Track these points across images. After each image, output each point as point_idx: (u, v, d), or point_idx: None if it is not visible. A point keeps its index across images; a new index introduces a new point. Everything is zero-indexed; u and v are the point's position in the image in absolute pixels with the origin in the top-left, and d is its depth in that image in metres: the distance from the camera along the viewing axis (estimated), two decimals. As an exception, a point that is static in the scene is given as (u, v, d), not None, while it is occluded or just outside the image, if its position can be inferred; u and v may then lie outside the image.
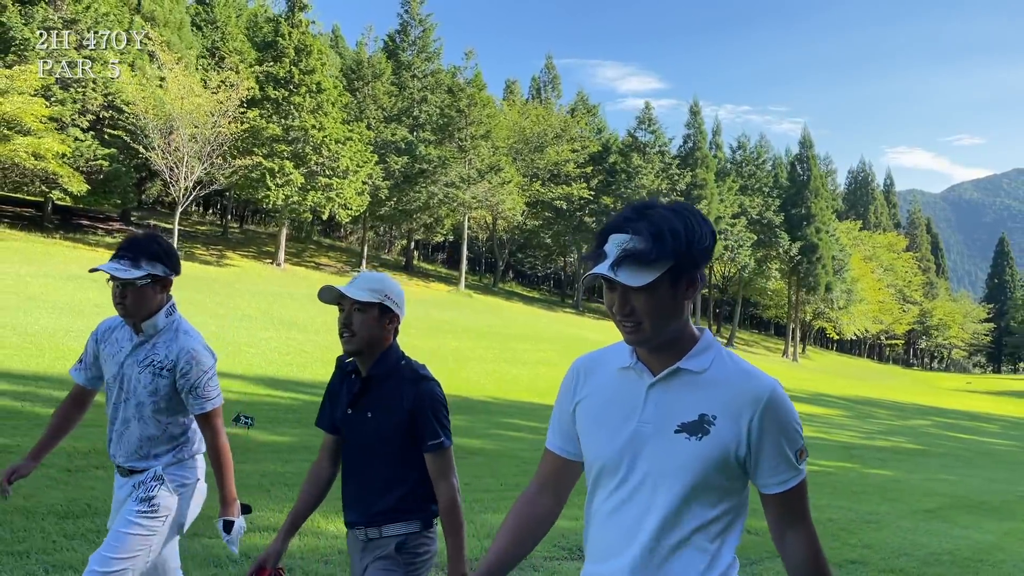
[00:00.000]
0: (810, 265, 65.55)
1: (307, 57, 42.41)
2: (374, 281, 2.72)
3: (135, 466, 3.12)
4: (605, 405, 1.85)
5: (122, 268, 2.97)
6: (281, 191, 40.52)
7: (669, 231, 1.64)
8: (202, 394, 3.08)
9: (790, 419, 1.73)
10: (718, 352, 1.78)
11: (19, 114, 30.96)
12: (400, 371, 2.73)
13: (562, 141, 60.35)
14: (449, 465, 2.71)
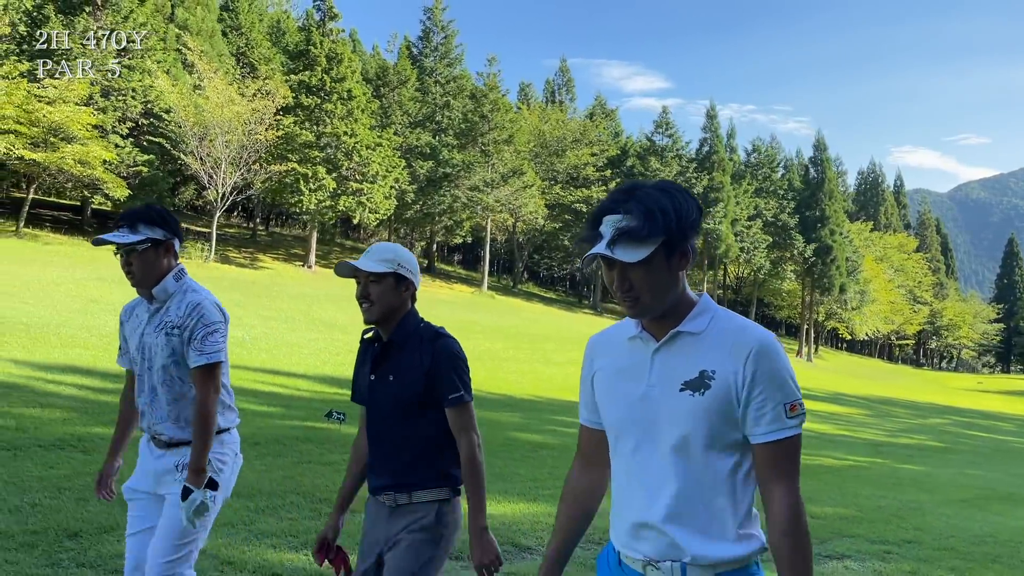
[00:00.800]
0: (824, 267, 66.19)
1: (338, 65, 43.37)
2: (386, 251, 2.78)
3: (170, 434, 3.16)
4: (617, 373, 1.94)
5: (120, 235, 3.06)
6: (314, 196, 41.51)
7: (659, 209, 1.75)
8: (199, 347, 3.08)
9: (780, 368, 1.77)
10: (715, 313, 1.86)
11: (67, 122, 31.97)
12: (419, 332, 2.77)
13: (581, 145, 61.17)
14: (470, 420, 2.74)
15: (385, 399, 2.76)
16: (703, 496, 1.79)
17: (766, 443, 1.75)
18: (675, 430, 1.79)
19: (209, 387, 3.08)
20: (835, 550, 7.14)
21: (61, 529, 5.26)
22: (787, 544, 1.74)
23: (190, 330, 3.08)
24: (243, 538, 5.47)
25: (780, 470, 1.76)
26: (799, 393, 1.78)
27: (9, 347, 14.95)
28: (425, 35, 58.86)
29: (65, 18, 37.81)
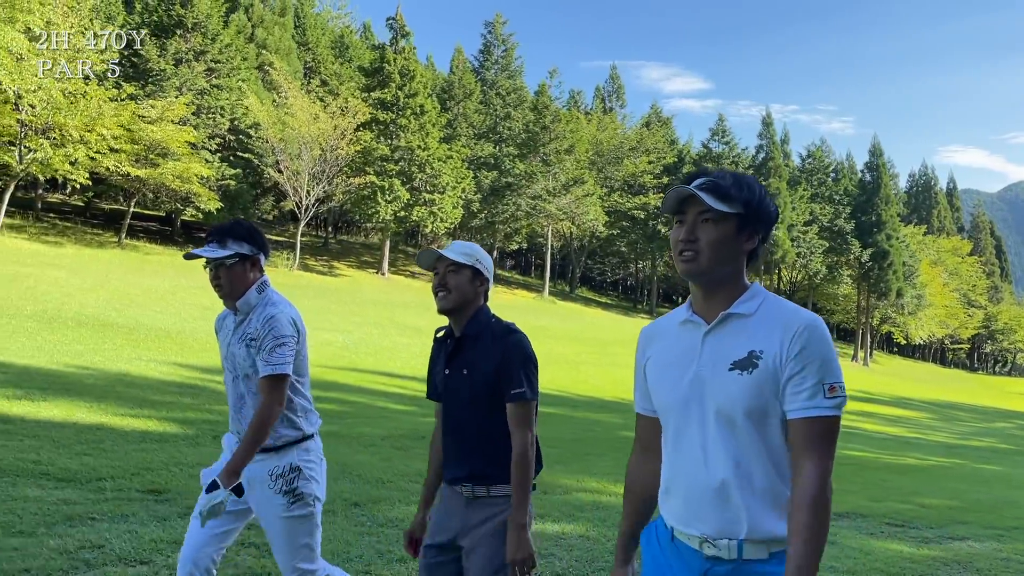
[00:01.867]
0: (881, 271, 66.13)
1: (410, 81, 45.05)
2: (467, 247, 2.85)
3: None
4: (668, 358, 1.98)
5: (211, 250, 3.18)
6: (390, 206, 43.17)
7: (746, 184, 1.88)
8: (266, 357, 3.13)
9: (824, 348, 1.78)
10: (766, 297, 1.90)
11: (167, 141, 33.99)
12: (491, 328, 2.81)
13: (638, 153, 62.09)
14: (528, 417, 2.75)
15: (459, 393, 2.81)
16: (755, 473, 1.81)
17: (802, 419, 1.77)
18: (724, 409, 1.82)
19: (272, 398, 3.12)
20: (955, 533, 8.19)
21: (345, 499, 6.63)
22: (808, 512, 1.72)
23: (259, 342, 3.16)
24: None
25: (812, 448, 1.76)
26: (841, 377, 1.80)
27: (164, 351, 16.59)
28: (486, 48, 60.36)
29: (158, 41, 40.01)
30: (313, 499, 3.23)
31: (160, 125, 33.89)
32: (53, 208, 43.92)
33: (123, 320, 19.64)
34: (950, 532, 8.19)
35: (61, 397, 10.06)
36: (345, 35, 70.27)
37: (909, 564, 6.34)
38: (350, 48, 66.19)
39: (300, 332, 3.27)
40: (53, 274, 24.82)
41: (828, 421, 1.77)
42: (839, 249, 66.14)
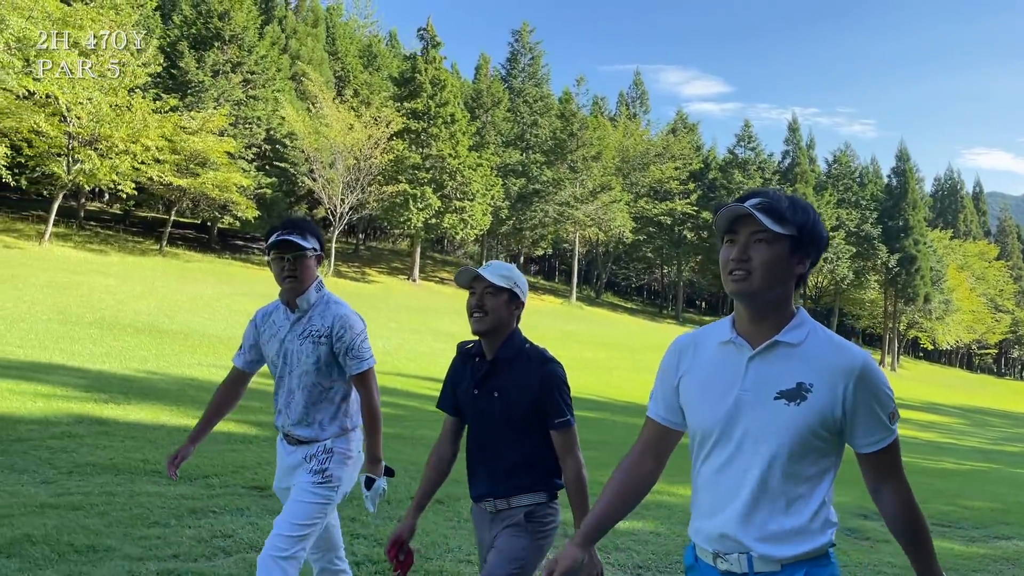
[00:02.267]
0: (909, 276, 65.96)
1: (441, 91, 45.73)
2: (505, 269, 2.85)
3: (303, 435, 3.32)
4: (708, 377, 1.96)
5: (298, 238, 3.22)
6: (421, 214, 43.85)
7: (801, 206, 1.88)
8: (357, 354, 3.29)
9: (881, 386, 1.84)
10: (812, 327, 1.91)
11: (207, 151, 34.84)
12: (526, 353, 2.84)
13: (664, 159, 62.42)
14: (574, 441, 2.81)
15: (489, 414, 2.84)
16: (784, 497, 1.85)
17: (876, 451, 1.86)
18: (767, 435, 1.84)
19: (371, 387, 3.33)
20: (1000, 532, 8.55)
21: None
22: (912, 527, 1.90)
23: (344, 344, 3.26)
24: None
25: (892, 470, 1.89)
26: (895, 403, 1.89)
27: (220, 356, 17.21)
28: (513, 57, 61.00)
29: (196, 53, 40.92)
30: (336, 484, 3.28)
31: (201, 136, 34.74)
32: (93, 216, 44.95)
33: (176, 327, 20.33)
34: (995, 532, 8.55)
35: (143, 400, 10.66)
36: (373, 44, 71.16)
37: (961, 561, 6.73)
38: (378, 57, 67.03)
39: (364, 323, 3.41)
40: (104, 282, 25.61)
41: (895, 442, 1.89)
42: (866, 254, 66.02)
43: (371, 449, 3.35)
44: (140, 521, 5.47)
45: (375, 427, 3.35)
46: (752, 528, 1.86)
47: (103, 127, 30.34)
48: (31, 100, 28.62)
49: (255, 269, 39.49)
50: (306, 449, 3.31)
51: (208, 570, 4.59)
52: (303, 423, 3.32)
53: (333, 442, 3.32)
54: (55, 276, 24.81)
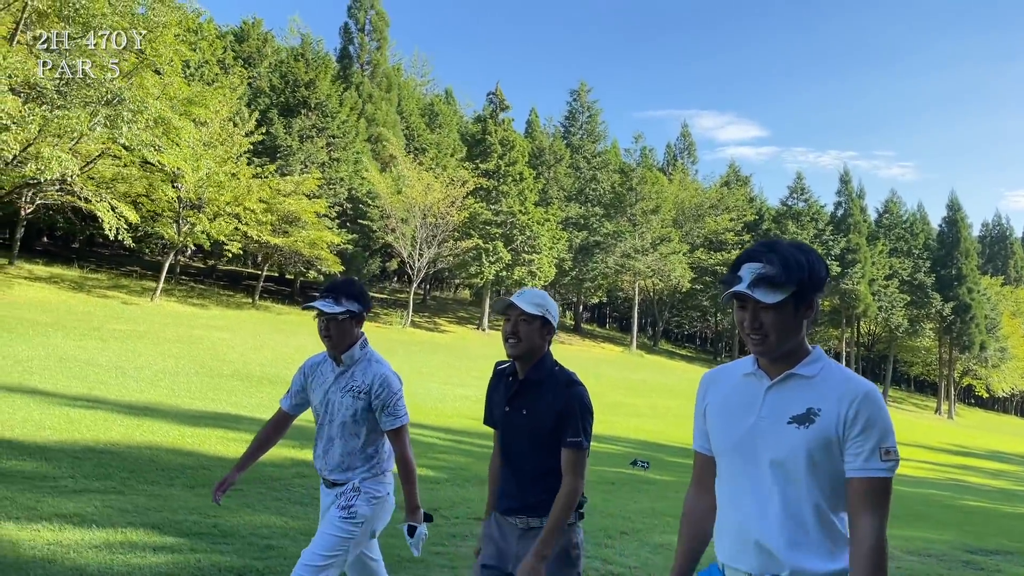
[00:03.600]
0: (964, 324, 65.95)
1: (510, 151, 47.93)
2: (538, 297, 3.01)
3: (338, 479, 3.53)
4: (729, 403, 2.13)
5: (327, 304, 3.45)
6: (493, 267, 45.75)
7: (795, 262, 1.98)
8: (392, 412, 3.49)
9: (880, 415, 1.93)
10: (827, 363, 2.05)
11: (300, 212, 37.22)
12: (554, 376, 2.99)
13: (718, 211, 63.81)
14: (581, 464, 2.91)
15: (518, 431, 3.00)
16: (801, 517, 1.94)
17: (859, 478, 1.90)
18: (779, 458, 1.96)
19: (405, 441, 3.52)
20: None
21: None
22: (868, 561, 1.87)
23: (381, 401, 3.47)
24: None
25: (869, 504, 1.90)
26: (895, 443, 1.93)
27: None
28: (571, 115, 63.30)
29: (285, 120, 43.67)
30: (360, 520, 3.45)
31: (294, 198, 37.15)
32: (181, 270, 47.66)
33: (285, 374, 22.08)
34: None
35: None
36: (435, 103, 74.14)
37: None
38: (440, 115, 69.86)
39: (401, 383, 3.64)
40: (219, 335, 27.65)
41: (883, 481, 1.91)
42: (920, 303, 66.25)
43: (409, 498, 3.53)
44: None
45: (410, 478, 3.51)
46: (782, 548, 1.94)
47: (211, 192, 32.80)
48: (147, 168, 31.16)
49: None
50: (338, 490, 3.53)
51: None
52: (339, 468, 3.53)
53: (362, 482, 3.51)
54: (179, 331, 26.91)
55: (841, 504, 1.98)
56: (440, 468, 12.10)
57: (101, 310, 29.02)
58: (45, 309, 26.49)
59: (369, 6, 55.91)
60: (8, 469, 8.09)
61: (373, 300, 35.16)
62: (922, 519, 13.13)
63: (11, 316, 23.13)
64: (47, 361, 17.01)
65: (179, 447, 10.74)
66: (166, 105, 26.34)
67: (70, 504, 7.03)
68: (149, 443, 10.70)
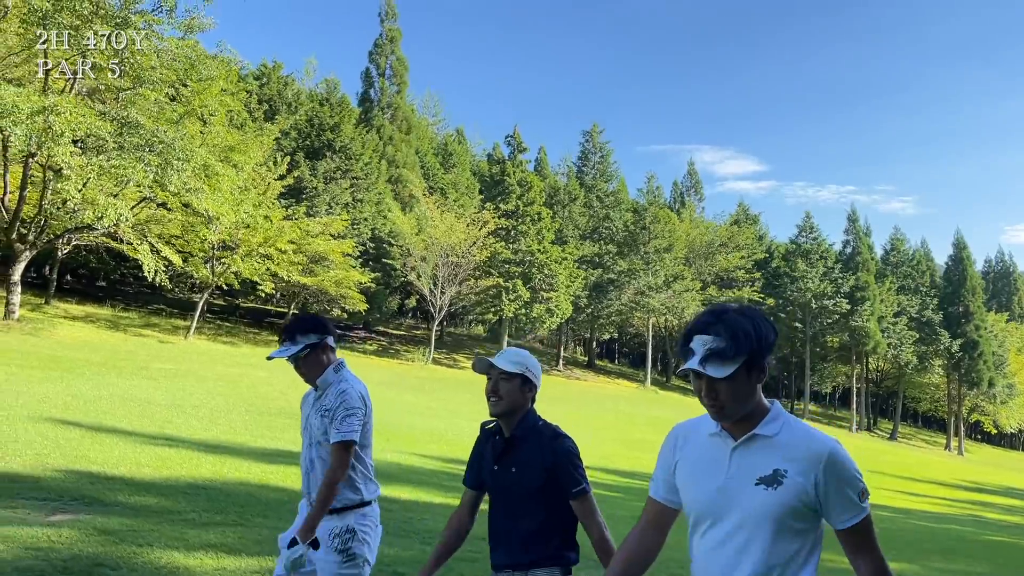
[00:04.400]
0: (972, 361, 66.56)
1: (528, 191, 49.14)
2: (517, 355, 3.09)
3: None
4: (698, 464, 2.20)
5: (285, 349, 3.55)
6: (512, 305, 46.68)
7: (743, 332, 2.03)
8: (338, 426, 3.49)
9: (849, 468, 2.04)
10: (786, 420, 2.13)
11: (327, 252, 38.27)
12: (539, 431, 3.03)
13: (728, 249, 64.84)
14: (593, 507, 2.98)
15: (507, 489, 3.04)
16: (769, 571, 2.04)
17: (848, 528, 2.05)
18: (748, 518, 2.05)
19: (341, 461, 3.48)
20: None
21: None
22: None
23: (331, 412, 3.52)
24: None
25: (864, 544, 2.06)
26: (863, 483, 2.07)
27: (420, 445, 19.43)
28: (584, 155, 64.71)
29: (310, 162, 44.89)
30: (363, 561, 3.51)
31: (322, 239, 38.21)
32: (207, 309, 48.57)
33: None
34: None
35: (392, 483, 13.04)
36: (448, 143, 75.64)
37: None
38: (453, 155, 71.29)
39: (367, 406, 3.64)
40: (255, 373, 28.44)
41: (867, 518, 2.05)
42: (928, 339, 66.94)
43: (311, 517, 3.47)
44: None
45: (326, 498, 3.47)
46: None
47: (245, 233, 33.85)
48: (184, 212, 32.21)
49: (361, 357, 42.40)
50: (331, 524, 3.53)
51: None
52: None
53: (355, 520, 3.55)
54: (217, 369, 27.74)
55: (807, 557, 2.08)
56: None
57: (142, 349, 29.88)
58: (92, 348, 27.37)
59: (390, 52, 57.52)
60: (136, 504, 8.90)
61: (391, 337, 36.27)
62: (954, 553, 13.80)
63: (65, 356, 24.00)
64: (112, 401, 17.81)
65: (266, 483, 11.53)
66: (209, 152, 27.45)
67: (210, 535, 7.83)
68: (239, 479, 11.50)
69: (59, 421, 14.49)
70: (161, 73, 25.66)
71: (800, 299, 62.16)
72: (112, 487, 9.59)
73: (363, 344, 47.73)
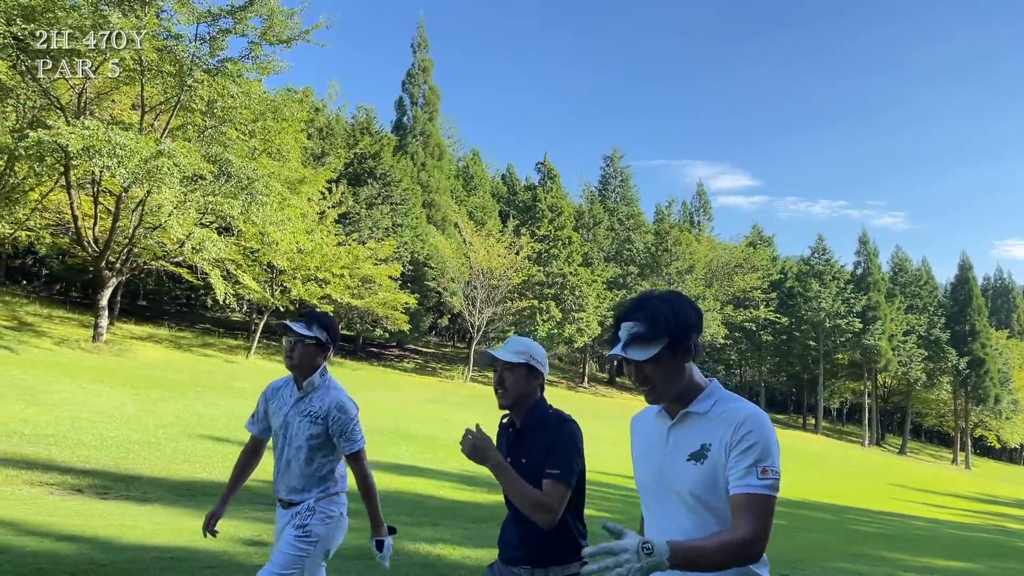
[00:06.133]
0: (979, 378, 68.33)
1: (558, 216, 51.06)
2: (520, 344, 3.04)
3: (293, 499, 3.67)
4: (644, 445, 2.29)
5: (300, 326, 3.65)
6: (546, 325, 48.44)
7: (662, 316, 2.09)
8: (349, 437, 3.63)
9: (760, 435, 2.03)
10: (720, 396, 2.16)
11: (375, 275, 40.09)
12: (548, 419, 2.97)
13: (744, 270, 66.67)
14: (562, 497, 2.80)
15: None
16: None
17: (737, 494, 2.00)
18: (682, 492, 2.10)
19: (363, 464, 3.65)
20: None
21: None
22: (716, 539, 1.96)
23: (339, 427, 3.59)
24: None
25: (745, 517, 1.98)
26: (775, 463, 2.02)
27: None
28: (604, 180, 66.72)
29: (353, 189, 46.76)
30: (315, 539, 3.56)
31: (370, 263, 40.06)
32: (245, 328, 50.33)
33: (421, 432, 24.45)
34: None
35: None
36: (469, 165, 77.56)
37: None
38: (475, 177, 73.16)
39: (358, 409, 3.74)
40: (323, 391, 30.05)
41: (760, 498, 1.99)
42: (936, 357, 68.75)
43: (373, 516, 3.69)
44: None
45: (371, 495, 3.65)
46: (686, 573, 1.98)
47: (303, 259, 35.67)
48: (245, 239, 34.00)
49: (402, 375, 44.10)
50: (294, 510, 3.65)
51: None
52: (296, 490, 3.65)
53: (316, 503, 3.62)
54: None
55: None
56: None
57: (216, 369, 31.57)
58: (175, 368, 29.06)
59: (422, 81, 59.56)
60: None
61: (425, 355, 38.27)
62: (1003, 558, 15.29)
63: (155, 376, 25.67)
64: (227, 418, 19.44)
65: (437, 496, 13.12)
66: (282, 185, 29.28)
67: (424, 531, 9.48)
68: (412, 491, 13.11)
69: (206, 436, 16.20)
70: (241, 113, 27.50)
71: (814, 318, 63.99)
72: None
73: (400, 362, 49.44)
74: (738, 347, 66.60)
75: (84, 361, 26.16)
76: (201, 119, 26.85)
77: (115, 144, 21.69)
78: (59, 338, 29.17)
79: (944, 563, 12.53)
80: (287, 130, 28.43)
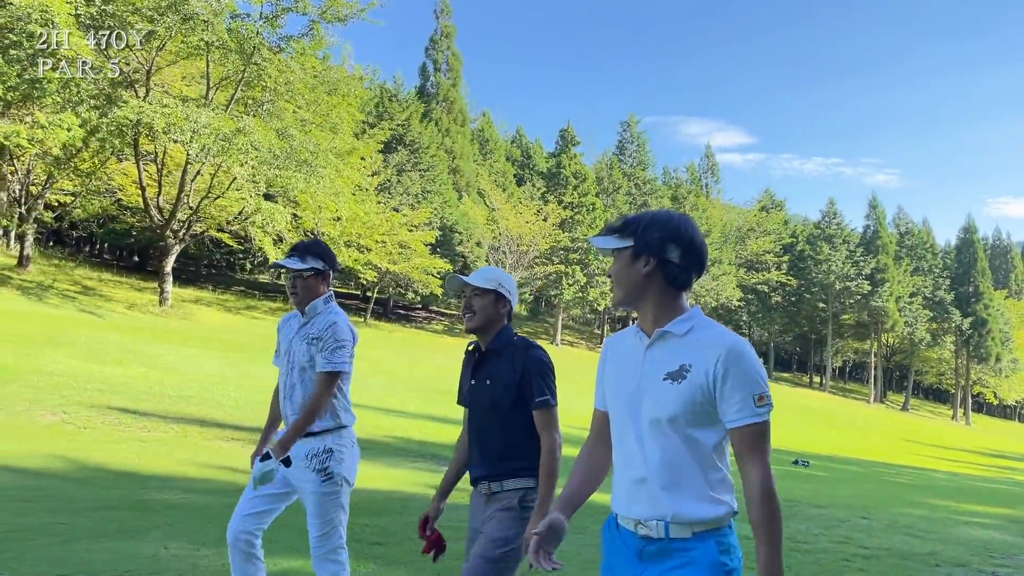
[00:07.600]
0: (981, 338, 70.25)
1: (582, 183, 52.24)
2: (491, 272, 3.12)
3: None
4: (620, 367, 2.23)
5: (294, 262, 3.63)
6: (571, 289, 49.93)
7: (634, 220, 2.15)
8: (327, 356, 3.54)
9: (747, 366, 2.01)
10: (699, 321, 2.13)
11: (411, 241, 41.43)
12: (514, 344, 3.07)
13: (756, 234, 68.04)
14: (553, 421, 2.98)
15: (482, 401, 3.07)
16: (683, 466, 2.04)
17: (738, 427, 2.01)
18: (659, 412, 2.05)
19: (327, 390, 3.54)
20: None
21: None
22: (761, 513, 1.98)
23: (322, 342, 3.56)
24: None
25: (752, 450, 2.01)
26: (767, 388, 2.03)
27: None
28: (620, 145, 67.67)
29: (383, 156, 47.81)
30: (341, 479, 3.56)
31: (405, 229, 41.40)
32: (277, 289, 51.76)
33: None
34: None
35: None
36: (484, 129, 78.29)
37: None
38: (490, 141, 73.93)
39: (355, 339, 3.69)
40: (371, 353, 31.55)
41: (760, 425, 2.01)
42: (940, 317, 70.60)
43: (287, 436, 3.51)
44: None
45: (306, 423, 3.51)
46: (664, 496, 2.04)
47: (346, 226, 36.97)
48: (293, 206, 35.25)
49: (433, 335, 45.68)
50: (308, 445, 3.55)
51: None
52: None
53: (332, 441, 3.57)
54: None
55: (718, 451, 2.07)
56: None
57: (269, 331, 33.03)
58: (234, 330, 30.51)
59: (445, 47, 60.14)
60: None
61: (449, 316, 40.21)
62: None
63: (227, 339, 27.12)
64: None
65: None
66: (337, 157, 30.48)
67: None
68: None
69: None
70: (298, 89, 28.58)
71: (824, 280, 65.58)
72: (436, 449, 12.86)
73: (429, 324, 51.01)
74: (749, 308, 68.19)
75: (160, 324, 27.58)
76: (261, 93, 27.94)
77: (194, 122, 22.85)
78: (128, 302, 30.56)
79: (985, 509, 14.00)
80: (341, 104, 29.53)
